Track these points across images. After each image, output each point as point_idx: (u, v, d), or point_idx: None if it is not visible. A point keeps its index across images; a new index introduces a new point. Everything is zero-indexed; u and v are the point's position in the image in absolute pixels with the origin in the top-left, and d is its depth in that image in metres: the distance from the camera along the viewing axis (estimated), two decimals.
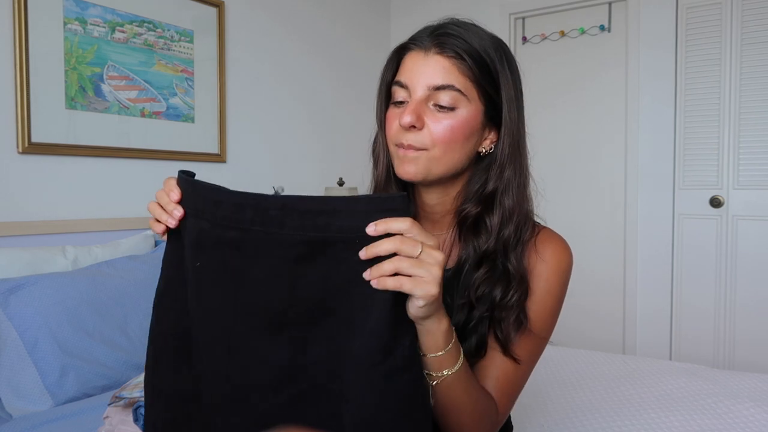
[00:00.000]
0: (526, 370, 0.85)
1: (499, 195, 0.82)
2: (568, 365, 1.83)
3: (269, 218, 0.60)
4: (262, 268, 0.62)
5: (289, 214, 0.60)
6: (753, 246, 2.71)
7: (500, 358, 0.81)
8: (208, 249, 0.65)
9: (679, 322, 2.89)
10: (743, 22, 2.69)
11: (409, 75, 0.79)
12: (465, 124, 0.79)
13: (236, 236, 0.62)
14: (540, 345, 0.85)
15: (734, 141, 2.73)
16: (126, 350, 1.67)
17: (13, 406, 1.48)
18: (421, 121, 0.77)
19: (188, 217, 0.68)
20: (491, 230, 0.81)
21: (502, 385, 0.82)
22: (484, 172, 0.84)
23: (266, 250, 0.61)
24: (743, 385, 1.61)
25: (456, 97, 0.77)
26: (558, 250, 0.84)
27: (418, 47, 0.80)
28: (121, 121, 2.17)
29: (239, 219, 0.62)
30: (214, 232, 0.64)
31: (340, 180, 2.84)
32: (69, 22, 1.99)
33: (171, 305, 0.70)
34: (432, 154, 0.78)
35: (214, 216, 0.64)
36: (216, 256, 0.64)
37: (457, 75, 0.77)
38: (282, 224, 0.60)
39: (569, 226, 3.08)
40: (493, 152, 0.84)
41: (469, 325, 0.82)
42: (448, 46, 0.77)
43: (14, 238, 1.84)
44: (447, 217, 0.88)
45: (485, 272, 0.81)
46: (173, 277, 0.70)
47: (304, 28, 3.01)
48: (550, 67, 3.16)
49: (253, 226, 0.61)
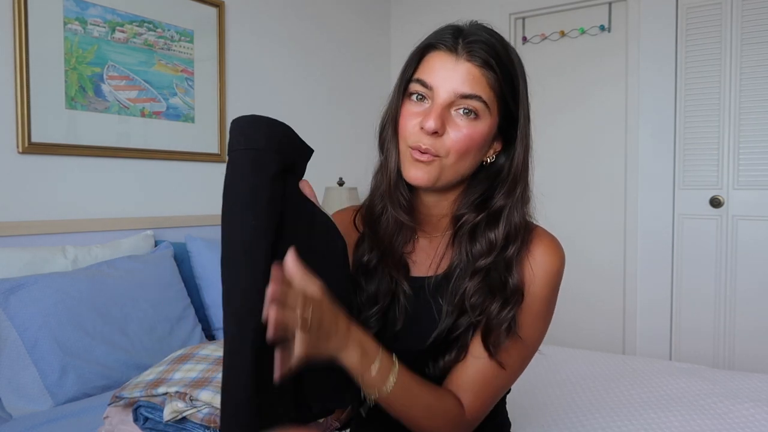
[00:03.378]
0: (509, 377, 0.84)
1: (507, 211, 0.81)
2: (568, 365, 1.83)
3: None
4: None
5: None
6: (753, 246, 2.71)
7: (481, 361, 0.80)
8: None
9: (679, 322, 2.89)
10: (743, 22, 2.69)
11: (434, 77, 0.77)
12: (481, 135, 0.78)
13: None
14: (528, 351, 0.84)
15: (734, 141, 2.73)
16: (126, 350, 1.67)
17: (13, 406, 1.48)
18: (444, 128, 0.76)
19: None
20: (495, 244, 0.80)
21: (479, 387, 0.81)
22: (484, 181, 0.83)
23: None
24: (743, 385, 1.61)
25: (480, 108, 0.76)
26: (550, 254, 0.83)
27: (446, 48, 0.77)
28: (121, 121, 2.17)
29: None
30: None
31: (340, 180, 2.84)
32: (69, 22, 1.99)
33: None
34: (445, 162, 0.78)
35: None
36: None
37: (485, 86, 0.76)
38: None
39: (569, 226, 3.09)
40: (495, 162, 0.83)
41: (454, 333, 0.81)
42: (479, 55, 0.76)
43: (14, 238, 1.84)
44: (444, 220, 0.87)
45: (479, 282, 0.80)
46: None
47: (304, 28, 3.01)
48: (550, 67, 3.16)
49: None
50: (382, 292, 0.85)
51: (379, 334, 0.86)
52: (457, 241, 0.84)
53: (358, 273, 0.89)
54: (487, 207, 0.82)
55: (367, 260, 0.87)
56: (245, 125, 0.64)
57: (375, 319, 0.85)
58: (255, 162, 0.63)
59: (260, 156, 0.63)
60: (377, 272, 0.87)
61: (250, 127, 0.65)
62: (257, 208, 0.61)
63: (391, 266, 0.85)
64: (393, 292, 0.85)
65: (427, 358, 0.83)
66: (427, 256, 0.88)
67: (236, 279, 0.60)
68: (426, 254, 0.89)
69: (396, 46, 3.55)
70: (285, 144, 0.67)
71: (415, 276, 0.88)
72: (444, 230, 0.88)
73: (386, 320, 0.86)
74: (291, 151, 0.68)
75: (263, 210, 0.61)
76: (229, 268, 0.61)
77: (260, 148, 0.63)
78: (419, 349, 0.83)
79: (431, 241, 0.89)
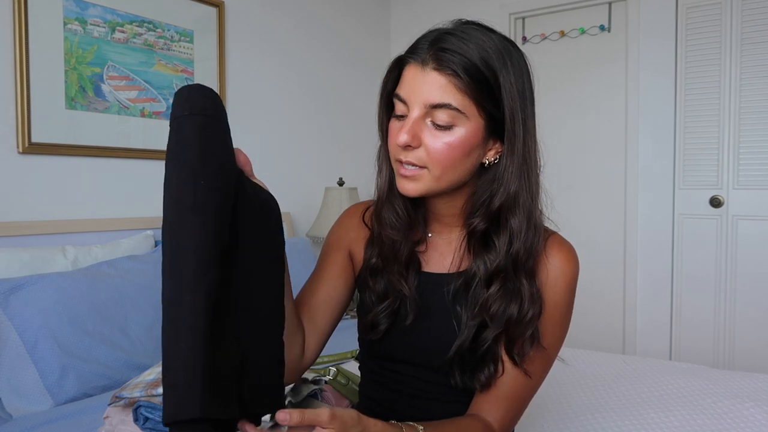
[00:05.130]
0: (535, 384, 0.85)
1: (504, 213, 0.80)
2: (568, 365, 1.83)
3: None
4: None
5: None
6: (753, 246, 2.71)
7: (511, 374, 0.82)
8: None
9: (679, 322, 2.89)
10: (743, 21, 2.69)
11: (407, 90, 0.77)
12: (464, 141, 0.76)
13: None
14: (550, 358, 0.85)
15: (734, 141, 2.73)
16: (126, 350, 1.67)
17: (13, 406, 1.48)
18: (418, 140, 0.76)
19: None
20: (499, 250, 0.80)
21: (508, 399, 0.83)
22: (490, 183, 0.82)
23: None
24: (743, 385, 1.61)
25: (453, 115, 0.75)
26: (568, 262, 0.83)
27: (416, 61, 0.76)
28: (121, 121, 2.17)
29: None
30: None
31: (340, 180, 2.84)
32: (69, 22, 1.99)
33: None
34: (432, 174, 0.77)
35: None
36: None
37: (454, 92, 0.74)
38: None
39: (569, 225, 3.06)
40: (498, 163, 0.81)
41: (482, 348, 0.81)
42: (445, 62, 0.74)
43: (14, 238, 1.84)
44: (456, 220, 0.87)
45: (497, 290, 0.80)
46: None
47: (303, 28, 3.01)
48: (550, 67, 3.16)
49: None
50: (392, 289, 0.87)
51: (390, 331, 0.87)
52: (474, 249, 0.84)
53: (367, 273, 0.90)
54: (495, 210, 0.81)
55: (375, 262, 0.89)
56: (191, 92, 0.64)
57: (385, 315, 0.87)
58: (203, 128, 0.62)
59: (208, 121, 0.63)
60: (385, 272, 0.88)
61: (197, 93, 0.65)
62: (208, 170, 0.61)
63: (399, 266, 0.86)
64: (402, 290, 0.86)
65: (453, 370, 0.83)
66: (441, 255, 0.89)
67: (188, 241, 0.58)
68: (440, 252, 0.89)
69: (396, 46, 3.55)
70: (222, 111, 0.67)
71: (428, 272, 0.88)
72: (458, 230, 0.88)
73: (397, 317, 0.87)
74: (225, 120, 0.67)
75: (213, 172, 0.61)
76: (176, 230, 0.59)
77: (207, 114, 0.63)
78: (441, 358, 0.83)
79: (445, 240, 0.89)
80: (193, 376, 0.56)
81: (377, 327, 0.87)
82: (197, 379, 0.56)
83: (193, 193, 0.59)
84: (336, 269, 0.93)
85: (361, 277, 0.92)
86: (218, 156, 0.63)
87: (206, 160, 0.61)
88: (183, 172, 0.60)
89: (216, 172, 0.61)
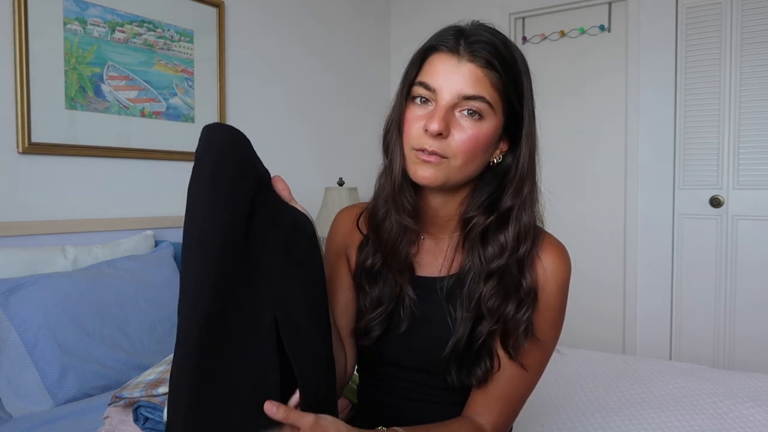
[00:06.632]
0: (531, 381, 0.85)
1: (515, 211, 0.81)
2: (568, 365, 1.83)
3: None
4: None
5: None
6: (753, 246, 2.71)
7: (507, 370, 0.82)
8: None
9: (679, 322, 2.89)
10: (743, 22, 2.68)
11: (437, 79, 0.77)
12: (487, 135, 0.78)
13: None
14: (546, 355, 0.85)
15: (734, 141, 2.73)
16: (126, 350, 1.67)
17: (13, 406, 1.48)
18: (448, 130, 0.76)
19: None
20: (506, 246, 0.80)
21: (505, 403, 0.83)
22: (492, 181, 0.83)
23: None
24: (743, 385, 1.61)
25: (484, 108, 0.76)
26: (560, 262, 0.83)
27: (448, 50, 0.77)
28: (121, 121, 2.17)
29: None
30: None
31: (340, 180, 2.84)
32: (69, 22, 1.99)
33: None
34: (453, 164, 0.77)
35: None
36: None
37: (488, 86, 0.76)
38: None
39: (569, 225, 3.08)
40: (502, 162, 0.83)
41: (477, 343, 0.81)
42: (482, 55, 0.75)
43: (14, 238, 1.84)
44: (451, 222, 0.87)
45: (494, 286, 0.80)
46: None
47: (304, 28, 3.01)
48: (550, 67, 3.16)
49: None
50: (386, 295, 0.86)
51: (383, 336, 0.86)
52: (468, 245, 0.84)
53: (361, 276, 0.89)
54: (496, 208, 0.81)
55: (370, 264, 0.88)
56: (210, 131, 0.69)
57: (378, 322, 0.86)
58: (216, 164, 0.67)
59: (220, 158, 0.67)
60: (381, 276, 0.87)
61: (214, 132, 0.69)
62: (215, 200, 0.65)
63: (395, 270, 0.86)
64: (397, 295, 0.85)
65: (449, 368, 0.83)
66: (434, 258, 0.88)
67: (190, 269, 0.64)
68: (432, 255, 0.88)
69: (396, 46, 3.55)
70: (245, 149, 0.71)
71: (422, 276, 0.88)
72: (451, 232, 0.87)
73: (390, 322, 0.86)
74: (251, 158, 0.72)
75: (220, 204, 0.65)
76: (184, 259, 0.64)
77: (221, 151, 0.68)
78: (437, 360, 0.83)
79: (438, 242, 0.88)
80: (179, 413, 0.61)
81: (370, 333, 0.87)
82: (181, 416, 0.61)
83: (202, 222, 0.65)
84: (343, 277, 0.93)
85: (354, 281, 0.92)
86: (228, 190, 0.67)
87: (214, 195, 0.66)
88: (194, 205, 0.66)
89: (221, 204, 0.66)
